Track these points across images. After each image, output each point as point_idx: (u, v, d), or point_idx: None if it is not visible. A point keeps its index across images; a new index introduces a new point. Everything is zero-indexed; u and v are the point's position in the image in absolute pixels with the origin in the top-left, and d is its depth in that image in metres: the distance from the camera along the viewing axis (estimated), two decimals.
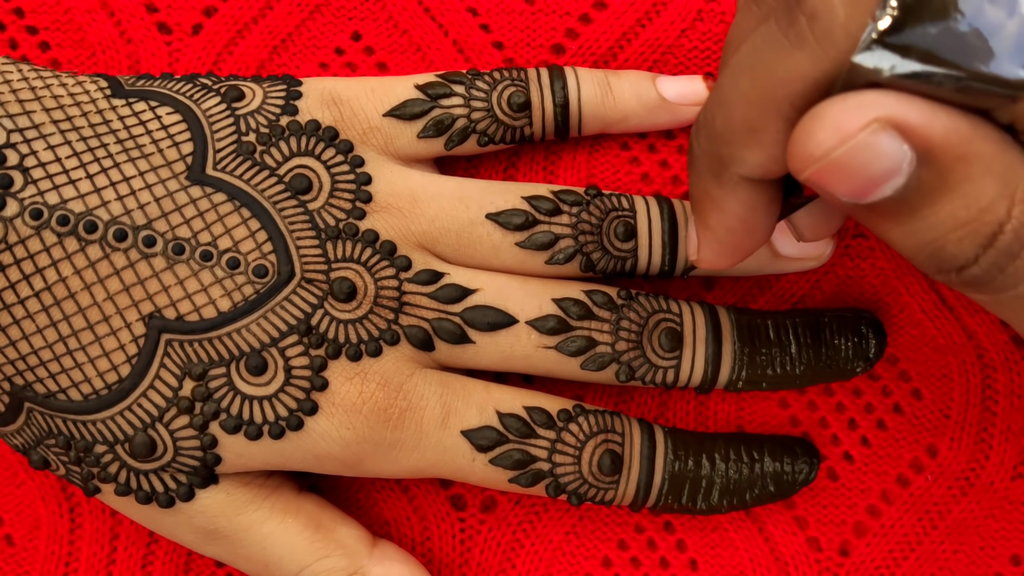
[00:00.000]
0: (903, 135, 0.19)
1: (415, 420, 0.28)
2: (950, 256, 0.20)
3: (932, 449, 0.33)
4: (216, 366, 0.27)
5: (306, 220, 0.28)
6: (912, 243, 0.20)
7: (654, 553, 0.33)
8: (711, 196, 0.24)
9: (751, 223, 0.24)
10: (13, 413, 0.27)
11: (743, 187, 0.23)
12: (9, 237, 0.26)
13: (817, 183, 0.20)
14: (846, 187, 0.20)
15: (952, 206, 0.19)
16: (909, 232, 0.20)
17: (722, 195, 0.24)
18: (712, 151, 0.23)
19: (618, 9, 0.33)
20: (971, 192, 0.19)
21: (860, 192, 0.20)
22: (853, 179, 0.19)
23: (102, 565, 0.33)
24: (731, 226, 0.24)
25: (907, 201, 0.20)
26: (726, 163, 0.23)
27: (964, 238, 0.20)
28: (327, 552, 0.29)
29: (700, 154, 0.24)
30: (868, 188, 0.19)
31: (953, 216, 0.19)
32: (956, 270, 0.20)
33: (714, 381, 0.31)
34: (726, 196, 0.24)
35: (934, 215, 0.20)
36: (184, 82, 0.30)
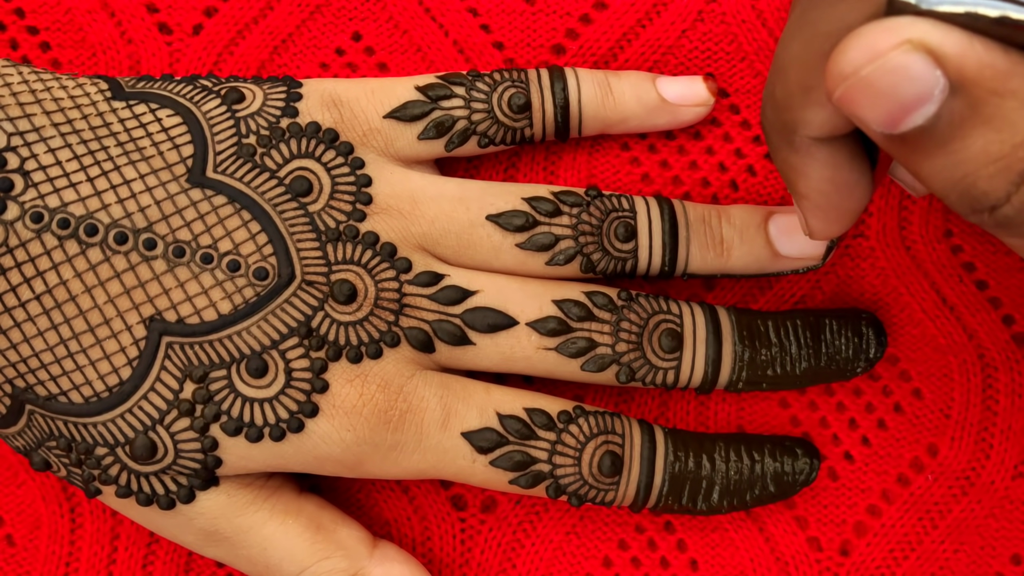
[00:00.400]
0: (936, 61, 0.18)
1: (415, 422, 0.28)
2: (981, 194, 0.20)
3: (933, 449, 0.33)
4: (217, 368, 0.27)
5: (306, 222, 0.28)
6: (944, 179, 0.20)
7: (654, 553, 0.33)
8: (791, 165, 0.24)
9: (841, 182, 0.24)
10: (15, 415, 0.28)
11: (817, 148, 0.23)
12: (10, 240, 0.26)
13: (848, 107, 0.20)
14: (876, 112, 0.19)
15: (985, 140, 0.19)
16: (941, 167, 0.20)
17: (800, 161, 0.24)
18: (778, 120, 0.23)
19: (618, 9, 0.33)
20: (1005, 127, 0.19)
21: (891, 119, 0.19)
22: (883, 103, 0.19)
23: (103, 565, 0.33)
24: (823, 189, 0.24)
25: (939, 133, 0.19)
26: (793, 128, 0.23)
27: (996, 175, 0.19)
28: (328, 553, 0.29)
29: (769, 127, 0.24)
30: (898, 114, 0.19)
31: (985, 151, 0.19)
32: (988, 209, 0.20)
33: (714, 382, 0.31)
34: (805, 161, 0.24)
35: (965, 149, 0.19)
36: (184, 84, 0.30)
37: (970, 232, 0.33)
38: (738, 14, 0.33)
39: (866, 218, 0.33)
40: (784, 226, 0.31)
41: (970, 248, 0.33)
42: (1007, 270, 0.33)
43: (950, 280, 0.33)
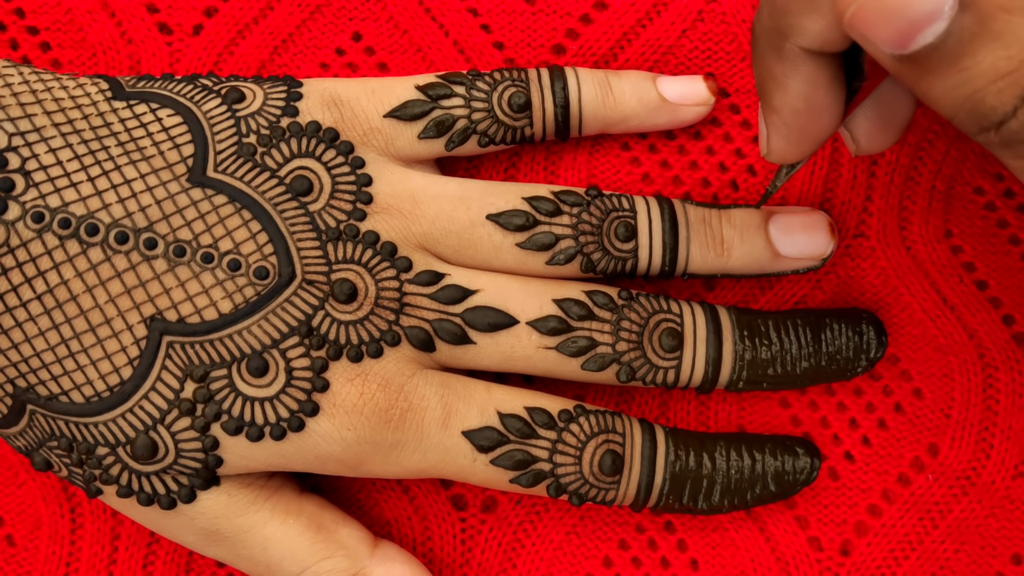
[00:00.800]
0: None
1: (416, 421, 0.28)
2: (989, 109, 0.20)
3: (933, 448, 0.33)
4: (217, 368, 0.27)
5: (307, 221, 0.28)
6: (953, 98, 0.20)
7: (655, 553, 0.33)
8: (773, 74, 0.24)
9: (815, 102, 0.24)
10: (16, 415, 0.28)
11: (804, 61, 0.23)
12: (11, 240, 0.26)
13: (860, 29, 0.20)
14: (887, 30, 0.20)
15: (994, 56, 0.19)
16: (950, 86, 0.20)
17: (784, 71, 0.24)
18: (773, 25, 0.23)
19: (619, 9, 0.33)
20: (1013, 43, 0.19)
21: (901, 38, 0.20)
22: (894, 21, 0.19)
23: (103, 565, 0.33)
24: (796, 106, 0.24)
25: (949, 50, 0.19)
26: (786, 34, 0.23)
27: (1004, 89, 0.20)
28: (329, 553, 0.29)
29: (761, 32, 0.24)
30: (909, 33, 0.19)
31: (995, 67, 0.19)
32: (996, 126, 0.20)
33: (715, 381, 0.31)
34: (788, 72, 0.24)
35: (975, 65, 0.20)
36: (185, 83, 0.30)
37: (970, 232, 0.33)
38: (738, 14, 0.33)
39: (866, 218, 0.33)
40: (784, 226, 0.31)
41: (970, 248, 0.33)
42: (1007, 270, 0.33)
43: (950, 280, 0.33)
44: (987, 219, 0.33)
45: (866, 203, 0.33)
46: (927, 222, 0.33)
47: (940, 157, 0.33)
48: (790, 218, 0.31)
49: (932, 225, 0.33)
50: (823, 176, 0.33)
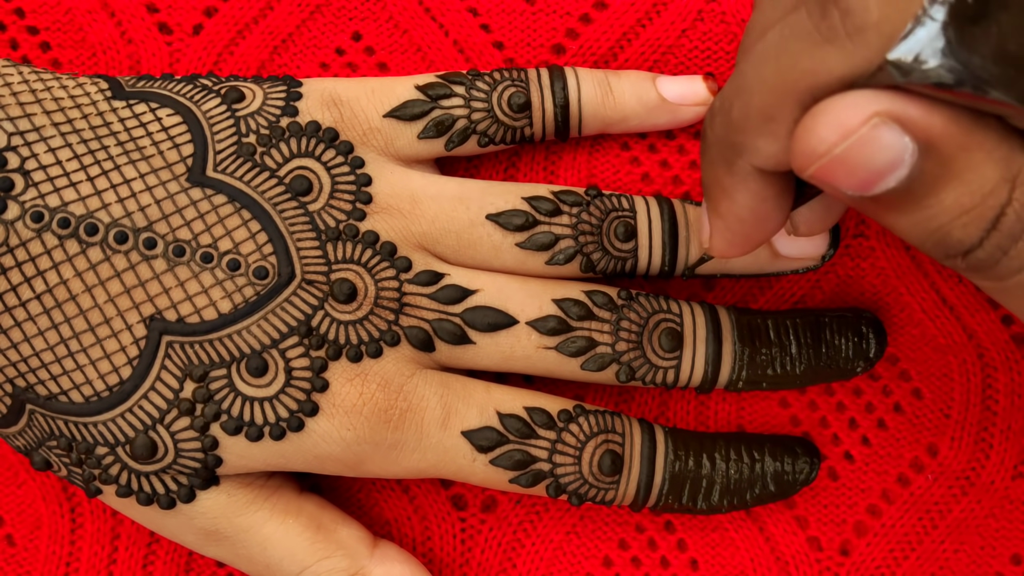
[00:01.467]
0: (904, 127, 0.19)
1: (416, 421, 0.28)
2: (956, 242, 0.20)
3: (932, 448, 0.33)
4: (217, 367, 0.27)
5: (306, 221, 0.28)
6: (919, 232, 0.21)
7: (655, 553, 0.33)
8: (722, 185, 0.24)
9: (762, 213, 0.24)
10: (15, 415, 0.28)
11: (755, 177, 0.23)
12: (10, 240, 0.26)
13: (822, 179, 0.20)
14: (851, 181, 0.20)
15: (956, 193, 0.20)
16: (915, 221, 0.20)
17: (733, 184, 0.24)
18: (726, 139, 0.23)
19: (618, 9, 0.33)
20: (974, 179, 0.20)
21: (864, 185, 0.20)
22: (857, 173, 0.20)
23: (103, 565, 0.33)
24: (741, 216, 0.24)
25: (912, 191, 0.20)
26: (739, 152, 0.23)
27: (969, 223, 0.20)
28: (328, 553, 0.29)
29: (713, 141, 0.24)
30: (872, 181, 0.20)
31: (958, 203, 0.20)
32: (962, 255, 0.21)
33: (714, 381, 0.31)
34: (737, 185, 0.24)
35: (939, 203, 0.20)
36: (184, 83, 0.30)
37: None
38: (738, 13, 0.33)
39: (866, 218, 0.33)
40: None
41: None
42: None
43: (950, 280, 0.33)
44: None
45: None
46: None
47: None
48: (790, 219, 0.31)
49: None
50: None
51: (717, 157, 0.24)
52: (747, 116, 0.22)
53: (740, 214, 0.24)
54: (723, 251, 0.26)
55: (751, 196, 0.24)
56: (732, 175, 0.24)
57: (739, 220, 0.24)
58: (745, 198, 0.24)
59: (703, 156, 0.25)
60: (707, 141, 0.24)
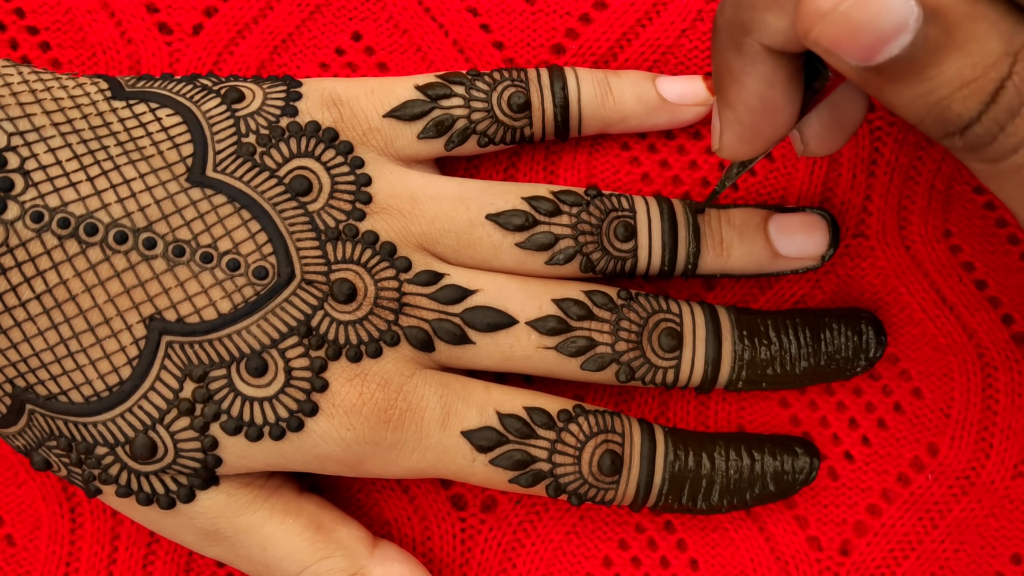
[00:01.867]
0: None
1: (415, 421, 0.28)
2: (955, 116, 0.20)
3: (933, 448, 0.33)
4: (217, 367, 0.27)
5: (306, 221, 0.28)
6: (919, 106, 0.20)
7: (655, 553, 0.33)
8: (731, 69, 0.24)
9: (771, 101, 0.24)
10: (15, 415, 0.28)
11: (763, 59, 0.23)
12: (10, 240, 0.26)
13: (825, 44, 0.20)
14: (854, 46, 0.20)
15: (958, 64, 0.20)
16: (916, 95, 0.20)
17: (742, 67, 0.24)
18: (735, 19, 0.23)
19: (618, 9, 0.33)
20: (977, 50, 0.19)
21: (868, 51, 0.20)
22: (861, 36, 0.19)
23: (103, 565, 0.33)
24: (751, 104, 0.24)
25: (914, 60, 0.20)
26: (748, 30, 0.23)
27: (969, 96, 0.20)
28: (328, 553, 0.29)
29: (723, 24, 0.24)
30: (876, 46, 0.20)
31: (959, 75, 0.20)
32: (960, 131, 0.21)
33: (714, 381, 0.31)
34: (746, 68, 0.24)
35: (940, 74, 0.20)
36: (184, 83, 0.30)
37: (969, 232, 0.33)
38: None
39: (866, 217, 0.33)
40: (784, 226, 0.31)
41: (969, 248, 0.33)
42: (1006, 270, 0.33)
43: (950, 280, 0.33)
44: (986, 218, 0.33)
45: (865, 203, 0.33)
46: (926, 222, 0.33)
47: (939, 156, 0.33)
48: (790, 218, 0.31)
49: (931, 225, 0.33)
50: (823, 176, 0.33)
51: (727, 40, 0.24)
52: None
53: (749, 101, 0.24)
54: (733, 148, 0.26)
55: (760, 80, 0.24)
56: (741, 56, 0.23)
57: (748, 109, 0.24)
58: (754, 82, 0.24)
59: (713, 44, 0.25)
60: (717, 26, 0.24)
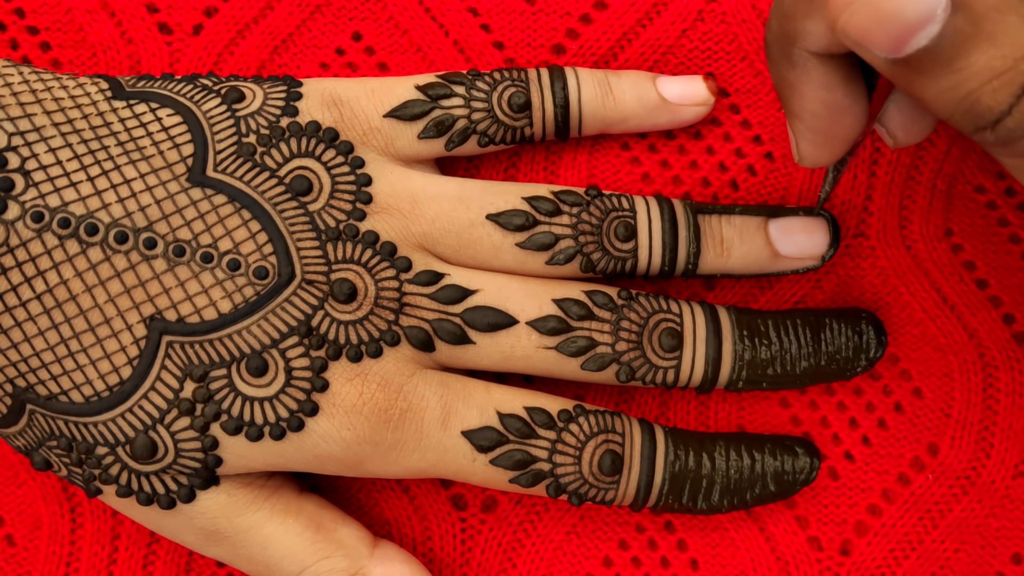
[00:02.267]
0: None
1: (415, 421, 0.28)
2: (985, 108, 0.20)
3: (933, 448, 0.33)
4: (217, 367, 0.27)
5: (306, 221, 0.28)
6: (948, 99, 0.20)
7: (655, 553, 0.33)
8: (788, 81, 0.24)
9: (834, 104, 0.24)
10: (15, 415, 0.28)
11: (814, 65, 0.23)
12: (11, 240, 0.26)
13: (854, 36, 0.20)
14: (880, 36, 0.20)
15: (988, 56, 0.19)
16: (945, 88, 0.20)
17: (796, 77, 0.24)
18: (780, 31, 0.23)
19: (619, 9, 0.33)
20: (1006, 41, 0.19)
21: (896, 42, 0.20)
22: (888, 26, 0.19)
23: (103, 565, 0.33)
24: (815, 110, 0.24)
25: (943, 52, 0.20)
26: (792, 40, 0.23)
27: (999, 88, 0.20)
28: (328, 553, 0.29)
29: (772, 39, 0.24)
30: (904, 37, 0.19)
31: (989, 66, 0.19)
32: (991, 125, 0.20)
33: (714, 381, 0.31)
34: (800, 78, 0.24)
35: (969, 66, 0.20)
36: (185, 83, 0.30)
37: (970, 231, 0.33)
38: (738, 14, 0.33)
39: (867, 217, 0.33)
40: (784, 226, 0.31)
41: (970, 247, 0.33)
42: (1007, 269, 0.33)
43: (950, 279, 0.33)
44: (988, 218, 0.33)
45: (866, 202, 0.33)
46: (927, 221, 0.33)
47: (941, 156, 0.33)
48: (790, 219, 0.31)
49: (932, 224, 0.33)
50: (823, 176, 0.33)
51: (778, 53, 0.24)
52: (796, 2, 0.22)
53: (813, 108, 0.24)
54: (812, 156, 0.26)
55: (817, 86, 0.24)
56: (793, 67, 0.24)
57: (814, 115, 0.24)
58: (812, 89, 0.24)
59: (768, 60, 0.25)
60: (767, 42, 0.24)
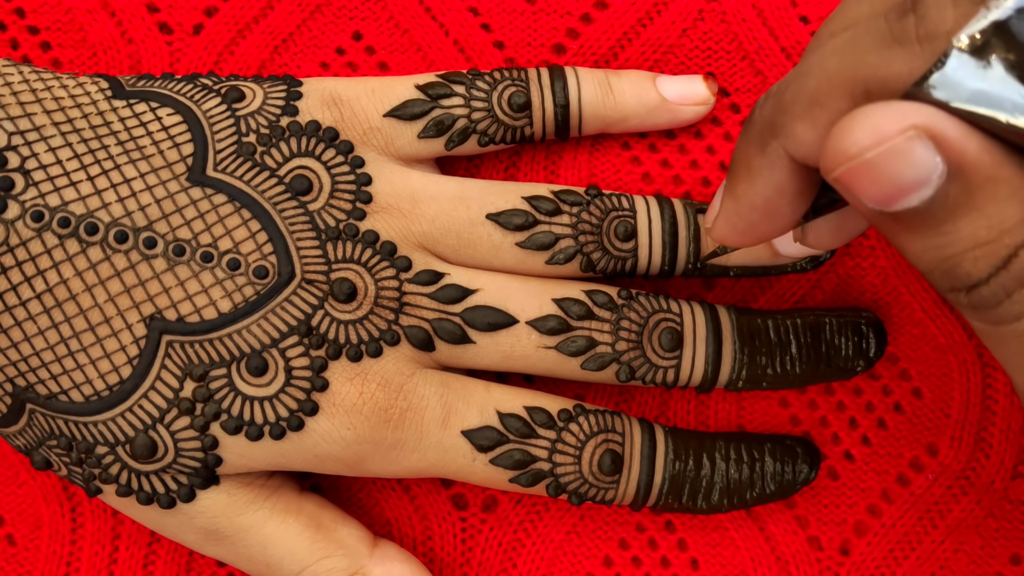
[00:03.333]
0: (938, 147, 0.19)
1: (416, 420, 0.28)
2: (964, 274, 0.20)
3: (932, 448, 0.33)
4: (217, 367, 0.27)
5: (306, 221, 0.28)
6: (929, 258, 0.20)
7: (655, 552, 0.33)
8: (749, 165, 0.24)
9: (775, 208, 0.24)
10: (15, 414, 0.28)
11: (782, 166, 0.23)
12: (11, 239, 0.26)
13: (846, 184, 0.20)
14: (874, 191, 0.20)
15: (975, 225, 0.19)
16: (929, 246, 0.20)
17: (759, 167, 0.24)
18: (770, 118, 0.23)
19: (619, 9, 0.33)
20: (995, 213, 0.19)
21: (887, 199, 0.20)
22: (882, 184, 0.19)
23: (103, 565, 0.33)
24: (755, 203, 0.24)
25: (932, 214, 0.20)
26: (777, 133, 0.23)
27: (980, 258, 0.20)
28: (328, 552, 0.29)
29: (757, 119, 0.24)
30: (896, 195, 0.19)
31: (974, 235, 0.19)
32: (967, 289, 0.20)
33: (714, 381, 0.31)
34: (762, 170, 0.24)
35: (956, 232, 0.20)
36: (185, 83, 0.30)
37: None
38: (739, 13, 0.33)
39: None
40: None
41: None
42: None
43: None
44: None
45: None
46: None
47: None
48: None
49: None
50: None
51: (755, 136, 0.24)
52: (797, 98, 0.22)
53: (754, 201, 0.24)
54: (723, 236, 0.25)
55: (771, 185, 0.24)
56: (762, 156, 0.23)
57: (751, 207, 0.24)
58: (765, 186, 0.24)
59: (742, 133, 0.25)
60: (751, 119, 0.24)
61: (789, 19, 0.33)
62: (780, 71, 0.33)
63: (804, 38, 0.33)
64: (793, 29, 0.33)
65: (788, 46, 0.33)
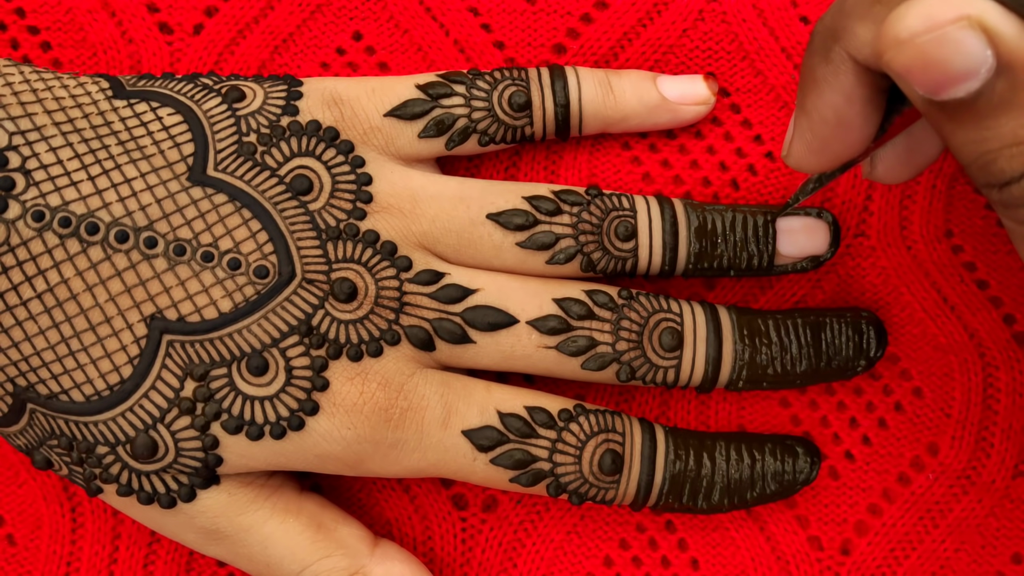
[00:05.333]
0: (989, 40, 0.19)
1: (416, 420, 0.28)
2: (999, 171, 0.20)
3: (933, 448, 0.33)
4: (217, 366, 0.27)
5: (307, 221, 0.28)
6: (969, 151, 0.21)
7: (655, 552, 0.33)
8: (815, 75, 0.24)
9: (846, 118, 0.24)
10: (16, 414, 0.28)
11: (847, 70, 0.23)
12: (11, 239, 0.26)
13: (897, 68, 0.20)
14: (924, 78, 0.20)
15: (1016, 123, 0.20)
16: (969, 139, 0.20)
17: (824, 74, 0.24)
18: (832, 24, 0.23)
19: (619, 9, 0.33)
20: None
21: (935, 86, 0.20)
22: (931, 71, 0.20)
23: (104, 565, 0.33)
24: (825, 115, 0.24)
25: (977, 108, 0.20)
26: (838, 36, 0.23)
27: (1016, 156, 0.20)
28: (328, 552, 0.29)
29: (819, 30, 0.24)
30: (944, 84, 0.20)
31: (1014, 133, 0.20)
32: (1000, 185, 0.21)
33: (715, 381, 0.31)
34: (828, 77, 0.24)
35: (997, 127, 0.20)
36: (185, 82, 0.30)
37: (971, 232, 0.33)
38: (739, 13, 0.33)
39: (867, 217, 0.33)
40: (785, 227, 0.31)
41: (971, 248, 0.33)
42: (1008, 270, 0.33)
43: (951, 279, 0.33)
44: (988, 218, 0.33)
45: (866, 202, 0.33)
46: (928, 221, 0.33)
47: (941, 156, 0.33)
48: (791, 219, 0.31)
49: (933, 224, 0.33)
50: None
51: (819, 44, 0.24)
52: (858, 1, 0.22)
53: (824, 112, 0.24)
54: (799, 157, 0.26)
55: (839, 92, 0.24)
56: (827, 63, 0.24)
57: (822, 119, 0.24)
58: (833, 93, 0.24)
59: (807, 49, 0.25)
60: (815, 30, 0.24)
61: (789, 19, 0.33)
62: (780, 71, 0.33)
63: (804, 38, 0.33)
64: (793, 29, 0.33)
65: (788, 46, 0.33)
